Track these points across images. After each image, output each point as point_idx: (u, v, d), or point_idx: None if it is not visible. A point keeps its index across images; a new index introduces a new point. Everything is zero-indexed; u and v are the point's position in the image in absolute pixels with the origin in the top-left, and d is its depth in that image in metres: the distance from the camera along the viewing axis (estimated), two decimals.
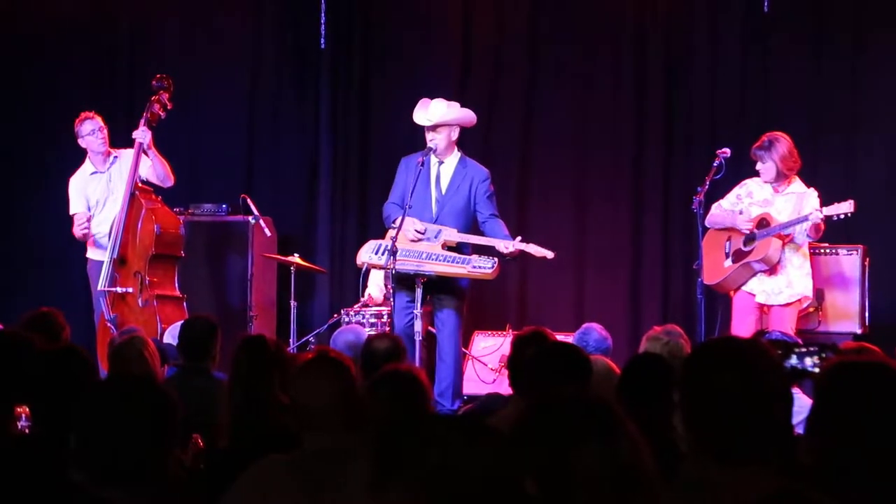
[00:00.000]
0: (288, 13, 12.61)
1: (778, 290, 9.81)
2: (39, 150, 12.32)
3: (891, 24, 11.49)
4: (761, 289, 9.84)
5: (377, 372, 4.83)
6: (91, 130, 10.41)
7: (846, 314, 10.44)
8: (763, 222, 9.80)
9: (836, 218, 9.55)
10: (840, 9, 11.61)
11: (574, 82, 12.14)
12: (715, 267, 9.89)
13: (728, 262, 9.88)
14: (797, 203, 9.78)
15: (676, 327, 7.18)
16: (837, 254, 10.54)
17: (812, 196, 9.79)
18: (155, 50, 12.51)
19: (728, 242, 9.93)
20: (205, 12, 12.63)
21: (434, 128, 9.74)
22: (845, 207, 9.50)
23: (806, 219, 9.56)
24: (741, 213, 9.97)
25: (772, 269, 9.78)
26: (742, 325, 9.78)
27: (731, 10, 11.85)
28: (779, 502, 2.80)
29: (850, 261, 10.51)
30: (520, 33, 12.30)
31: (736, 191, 9.99)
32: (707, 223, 10.04)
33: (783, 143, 9.78)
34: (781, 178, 9.82)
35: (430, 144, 9.74)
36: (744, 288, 9.89)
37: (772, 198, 9.88)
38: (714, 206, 10.00)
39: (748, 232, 9.82)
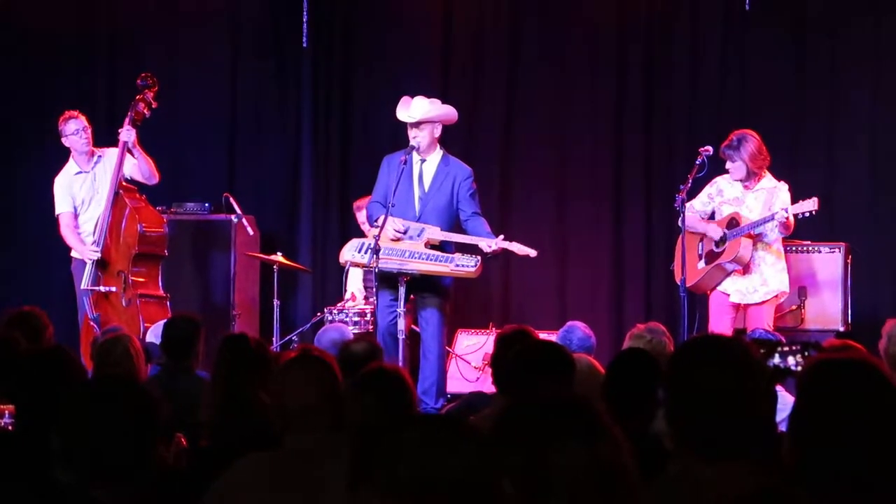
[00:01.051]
0: (270, 12, 12.60)
1: (753, 290, 9.82)
2: (22, 149, 12.28)
3: (870, 22, 11.52)
4: (735, 288, 9.85)
5: (357, 374, 4.81)
6: (75, 130, 10.38)
7: (829, 312, 10.46)
8: (733, 222, 9.81)
9: (801, 216, 9.55)
10: (820, 5, 11.63)
11: (555, 80, 12.14)
12: (689, 268, 9.88)
13: (701, 264, 9.87)
14: (768, 199, 9.78)
15: (659, 325, 7.21)
16: (820, 252, 10.56)
17: (783, 190, 9.80)
18: (136, 48, 12.47)
19: (701, 243, 9.93)
20: (186, 10, 12.60)
21: (417, 125, 9.73)
22: (809, 205, 9.49)
23: (772, 218, 9.57)
24: (713, 215, 9.97)
25: (745, 269, 9.78)
26: (719, 325, 9.79)
27: (712, 8, 11.87)
28: (761, 500, 2.80)
29: (832, 259, 10.53)
30: (500, 32, 12.30)
31: (707, 190, 9.97)
32: (681, 224, 10.08)
33: (752, 141, 9.77)
34: (751, 175, 9.82)
35: (412, 142, 9.72)
36: (718, 288, 9.91)
37: (742, 195, 9.88)
38: (686, 208, 10.02)
39: (717, 240, 9.83)
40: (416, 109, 9.75)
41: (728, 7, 11.74)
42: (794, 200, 9.61)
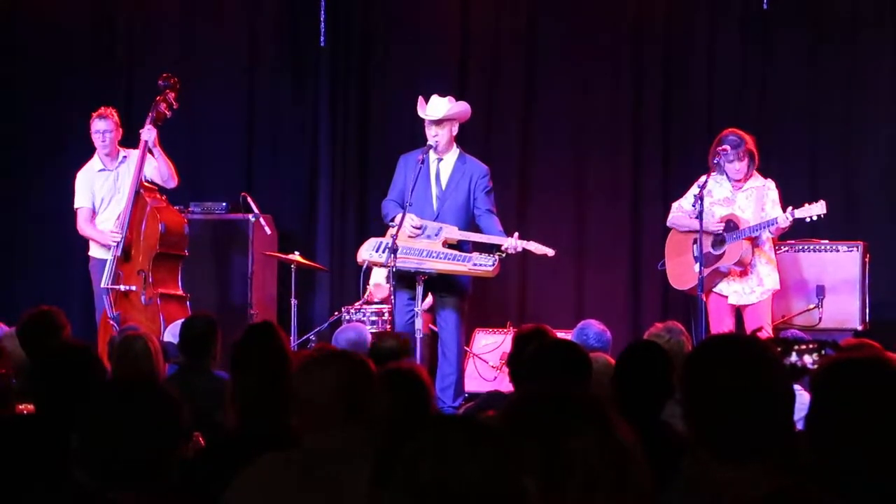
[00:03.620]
0: (288, 11, 12.61)
1: (750, 290, 9.81)
2: (39, 148, 12.32)
3: (889, 21, 11.49)
4: (732, 290, 9.84)
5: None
6: (102, 129, 10.38)
7: (847, 311, 10.43)
8: (731, 224, 9.77)
9: (808, 220, 9.52)
10: (838, 5, 11.62)
11: (573, 80, 12.14)
12: (685, 270, 9.83)
13: (698, 266, 9.78)
14: (758, 197, 9.77)
15: (677, 324, 7.20)
16: (838, 250, 10.53)
17: (772, 188, 9.79)
18: (154, 48, 12.50)
19: (695, 245, 9.85)
20: (204, 10, 12.63)
21: (439, 123, 9.74)
22: (817, 209, 9.46)
23: (775, 222, 9.54)
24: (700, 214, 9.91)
25: (743, 271, 9.76)
26: (720, 328, 9.76)
27: (730, 8, 11.86)
28: (780, 500, 2.80)
29: (850, 257, 10.50)
30: (518, 31, 12.30)
31: (694, 189, 9.89)
32: (669, 223, 10.05)
33: (749, 141, 9.77)
34: (745, 174, 9.82)
35: (431, 141, 9.73)
36: (714, 290, 9.88)
37: (732, 195, 9.86)
38: (674, 207, 10.00)
39: (719, 231, 9.78)
40: (438, 108, 9.77)
41: (746, 7, 11.73)
42: (802, 201, 9.59)
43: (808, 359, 3.77)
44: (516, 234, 9.56)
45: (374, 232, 10.74)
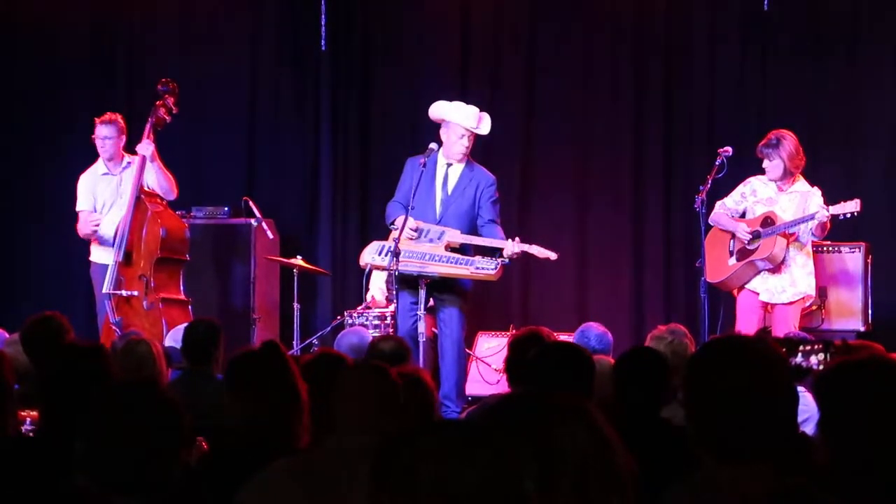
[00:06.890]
0: (288, 14, 12.62)
1: (781, 289, 9.81)
2: (40, 153, 12.31)
3: (889, 20, 11.49)
4: (764, 287, 9.84)
5: None
6: (106, 135, 10.35)
7: (849, 312, 10.44)
8: (768, 220, 9.81)
9: (842, 217, 9.55)
10: (838, 6, 11.62)
11: (574, 82, 12.14)
12: (719, 265, 9.88)
13: (732, 261, 9.88)
14: (801, 201, 9.80)
15: (680, 326, 7.20)
16: (840, 251, 10.54)
17: (816, 195, 9.80)
18: (155, 52, 12.50)
19: (732, 240, 9.94)
20: (205, 14, 12.63)
21: (474, 136, 9.80)
22: (851, 207, 9.50)
23: (812, 217, 9.57)
24: (744, 214, 9.97)
25: (775, 268, 9.78)
26: (746, 324, 9.78)
27: (730, 9, 11.85)
28: (782, 500, 2.80)
29: (852, 258, 10.52)
30: (519, 33, 12.30)
31: (740, 189, 9.99)
32: (710, 221, 10.04)
33: (790, 141, 9.79)
34: (787, 176, 9.83)
35: (463, 150, 9.71)
36: (747, 287, 9.90)
37: (776, 196, 9.89)
38: (718, 205, 10.01)
39: (747, 241, 9.83)
40: (488, 126, 9.82)
41: (746, 7, 11.72)
42: (826, 204, 9.63)
43: (813, 359, 3.77)
44: (517, 238, 9.55)
45: (375, 235, 10.73)
